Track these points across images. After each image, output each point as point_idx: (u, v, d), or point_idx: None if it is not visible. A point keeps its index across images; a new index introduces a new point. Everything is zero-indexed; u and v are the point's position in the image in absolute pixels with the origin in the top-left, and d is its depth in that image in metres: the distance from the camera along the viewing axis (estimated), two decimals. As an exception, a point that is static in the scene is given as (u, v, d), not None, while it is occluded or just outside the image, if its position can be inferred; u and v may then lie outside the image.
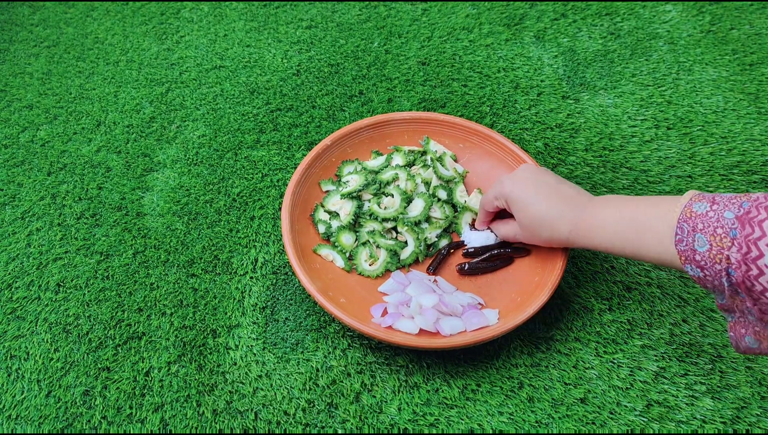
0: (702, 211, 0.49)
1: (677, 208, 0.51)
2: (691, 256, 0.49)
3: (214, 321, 0.69)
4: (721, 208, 0.48)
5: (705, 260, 0.48)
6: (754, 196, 0.47)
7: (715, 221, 0.48)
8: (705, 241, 0.48)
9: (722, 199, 0.49)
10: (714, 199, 0.49)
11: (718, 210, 0.48)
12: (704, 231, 0.48)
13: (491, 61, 0.95)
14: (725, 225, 0.47)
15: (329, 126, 0.87)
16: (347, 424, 0.61)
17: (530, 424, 0.61)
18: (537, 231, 0.62)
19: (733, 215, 0.47)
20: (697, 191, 0.52)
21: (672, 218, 0.51)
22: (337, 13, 1.03)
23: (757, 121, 0.85)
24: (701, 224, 0.48)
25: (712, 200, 0.49)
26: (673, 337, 0.66)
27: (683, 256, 0.50)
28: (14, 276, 0.73)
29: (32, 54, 0.99)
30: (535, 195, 0.61)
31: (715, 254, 0.47)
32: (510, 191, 0.63)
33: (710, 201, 0.49)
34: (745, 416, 0.61)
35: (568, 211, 0.60)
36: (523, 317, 0.61)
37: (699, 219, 0.49)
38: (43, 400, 0.63)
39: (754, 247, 0.45)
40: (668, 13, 1.01)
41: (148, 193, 0.80)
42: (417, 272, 0.70)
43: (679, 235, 0.50)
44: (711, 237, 0.47)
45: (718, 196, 0.50)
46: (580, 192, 0.61)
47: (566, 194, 0.61)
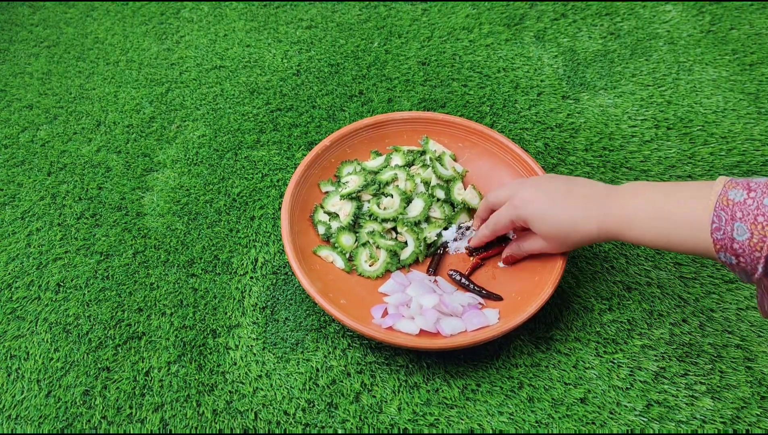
0: (740, 199, 0.48)
1: (712, 196, 0.49)
2: (729, 245, 0.48)
3: (214, 321, 0.69)
4: (759, 196, 0.47)
5: (743, 248, 0.47)
6: None
7: (755, 209, 0.47)
8: (745, 229, 0.47)
9: (758, 185, 0.48)
10: (749, 186, 0.48)
11: (757, 197, 0.47)
12: (744, 219, 0.47)
13: (491, 61, 0.95)
14: (766, 212, 0.46)
15: (329, 126, 0.87)
16: (347, 424, 0.61)
17: (530, 424, 0.61)
18: (565, 240, 0.61)
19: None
20: (729, 177, 0.50)
21: (708, 207, 0.49)
22: (337, 13, 1.03)
23: (757, 121, 0.85)
24: (740, 213, 0.47)
25: (748, 187, 0.48)
26: (673, 337, 0.67)
27: (719, 244, 0.49)
28: (14, 276, 0.73)
29: (32, 54, 0.99)
30: (551, 207, 0.60)
31: (756, 242, 0.46)
32: (524, 211, 0.61)
33: (746, 187, 0.48)
34: (745, 416, 0.61)
35: (591, 210, 0.58)
36: (524, 317, 0.61)
37: (737, 207, 0.48)
38: (43, 400, 0.63)
39: None
40: (668, 13, 1.01)
41: (148, 193, 0.80)
42: (417, 272, 0.70)
43: (717, 223, 0.48)
44: (752, 225, 0.47)
45: (752, 181, 0.49)
46: (595, 187, 0.60)
47: (582, 194, 0.59)
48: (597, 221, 0.57)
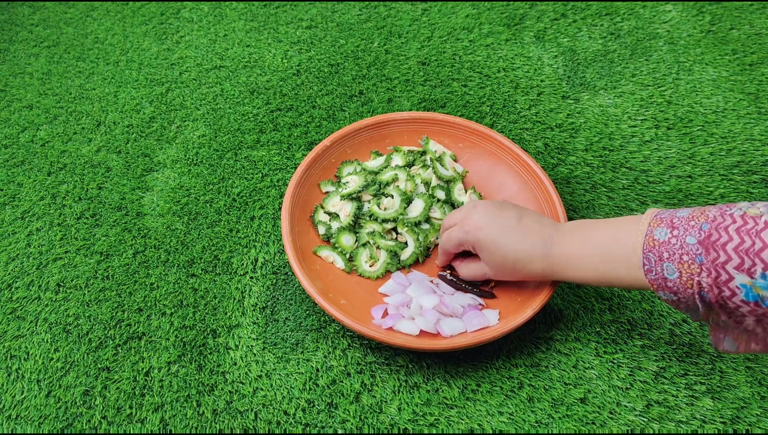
0: (664, 239, 0.49)
1: (640, 236, 0.51)
2: (663, 284, 0.49)
3: (214, 321, 0.69)
4: (682, 234, 0.48)
5: (677, 286, 0.49)
6: (711, 216, 0.47)
7: (679, 248, 0.48)
8: (674, 268, 0.48)
9: (681, 221, 0.49)
10: (672, 223, 0.49)
11: (680, 235, 0.48)
12: (671, 259, 0.48)
13: (491, 61, 0.95)
14: (690, 251, 0.47)
15: (329, 126, 0.87)
16: (347, 424, 0.61)
17: (530, 424, 0.61)
18: (510, 272, 0.61)
19: (695, 240, 0.47)
20: (656, 210, 0.52)
21: (637, 248, 0.51)
22: (337, 13, 1.03)
23: (757, 121, 0.85)
24: (666, 253, 0.49)
25: (671, 225, 0.49)
26: (673, 337, 0.67)
27: (654, 284, 0.50)
28: (14, 276, 0.73)
29: (32, 54, 0.99)
30: (501, 237, 0.60)
31: (685, 281, 0.48)
32: (473, 237, 0.62)
33: (669, 225, 0.49)
34: (745, 416, 0.61)
35: (537, 248, 0.58)
36: (524, 318, 0.61)
37: (663, 247, 0.49)
38: (43, 400, 0.63)
39: (722, 271, 0.46)
40: (668, 13, 1.01)
41: (148, 193, 0.80)
42: (417, 273, 0.70)
43: (647, 265, 0.50)
44: (678, 264, 0.48)
45: (675, 217, 0.50)
46: (543, 222, 0.60)
47: (531, 229, 0.60)
48: (541, 262, 0.58)
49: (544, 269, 0.59)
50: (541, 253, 0.58)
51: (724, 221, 0.47)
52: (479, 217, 0.62)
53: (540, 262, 0.59)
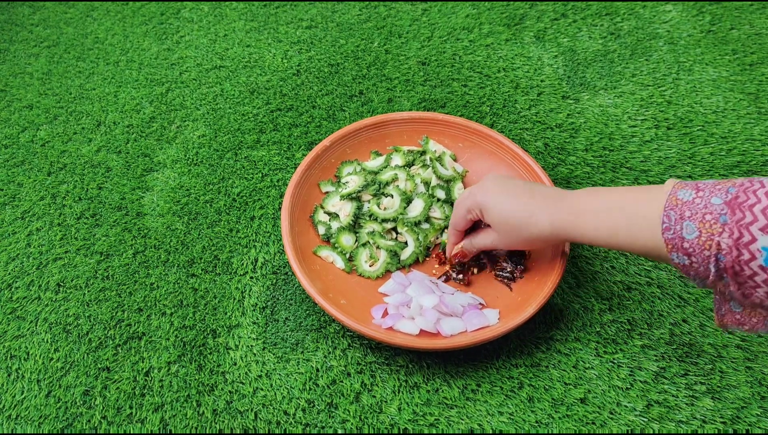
0: (688, 199, 0.48)
1: (662, 196, 0.50)
2: (679, 244, 0.48)
3: (214, 321, 0.69)
4: (707, 195, 0.47)
5: (693, 247, 0.47)
6: (739, 182, 0.47)
7: (703, 208, 0.47)
8: (694, 228, 0.47)
9: (706, 185, 0.48)
10: (698, 186, 0.49)
11: (705, 196, 0.47)
12: (692, 218, 0.47)
13: (491, 61, 0.95)
14: (714, 211, 0.46)
15: (329, 126, 0.87)
16: (347, 424, 0.61)
17: (530, 424, 0.61)
18: (516, 232, 0.60)
19: (721, 201, 0.46)
20: (678, 179, 0.51)
21: (658, 206, 0.50)
22: (337, 13, 1.03)
23: (757, 121, 0.85)
24: (689, 211, 0.48)
25: (696, 187, 0.49)
26: (673, 337, 0.67)
27: (670, 244, 0.49)
28: (14, 276, 0.73)
29: (32, 54, 0.99)
30: (508, 196, 0.60)
31: (704, 241, 0.47)
32: (482, 199, 0.61)
33: (694, 188, 0.49)
34: (745, 416, 0.61)
35: (547, 205, 0.58)
36: (524, 317, 0.61)
37: (686, 206, 0.48)
38: (43, 400, 0.63)
39: (746, 232, 0.45)
40: (668, 13, 1.01)
41: (148, 193, 0.80)
42: (417, 273, 0.70)
43: (666, 222, 0.49)
44: (700, 223, 0.47)
45: (701, 182, 0.49)
46: (555, 188, 0.60)
47: (540, 191, 0.60)
48: (550, 216, 0.57)
49: (553, 226, 0.57)
50: (550, 210, 0.57)
51: (752, 186, 0.46)
52: (487, 182, 0.63)
53: (548, 218, 0.57)
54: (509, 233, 0.61)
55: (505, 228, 0.61)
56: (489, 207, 0.61)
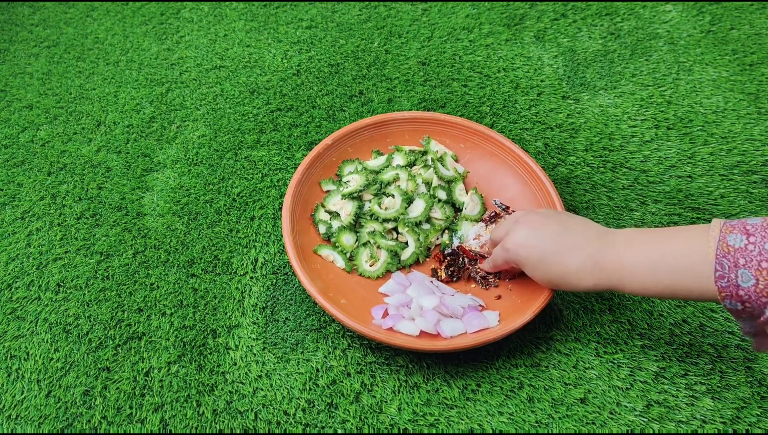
0: (740, 245, 0.48)
1: (711, 243, 0.49)
2: (734, 292, 0.48)
3: (214, 321, 0.69)
4: (760, 240, 0.47)
5: (749, 295, 0.47)
6: None
7: (758, 255, 0.47)
8: (750, 276, 0.47)
9: (756, 229, 0.48)
10: (747, 230, 0.48)
11: (758, 242, 0.47)
12: (747, 266, 0.47)
13: (491, 61, 0.95)
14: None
15: (329, 126, 0.87)
16: (347, 424, 0.61)
17: (530, 425, 0.61)
18: (558, 286, 0.59)
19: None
20: (723, 220, 0.50)
21: (708, 255, 0.49)
22: (337, 13, 1.03)
23: (757, 121, 0.86)
24: (743, 259, 0.47)
25: (746, 231, 0.48)
26: (673, 337, 0.67)
27: (725, 292, 0.48)
28: (14, 276, 0.73)
29: (32, 54, 0.99)
30: (543, 257, 0.58)
31: (762, 289, 0.46)
32: (516, 257, 0.60)
33: (744, 232, 0.48)
34: (745, 416, 0.61)
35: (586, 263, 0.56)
36: (524, 320, 0.61)
37: (739, 253, 0.47)
38: (43, 400, 0.63)
39: None
40: (668, 13, 1.01)
41: (148, 193, 0.80)
42: (418, 273, 0.70)
43: (720, 271, 0.48)
44: (756, 271, 0.47)
45: (748, 224, 0.48)
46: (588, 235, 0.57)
47: (576, 244, 0.57)
48: (592, 278, 0.56)
49: (597, 283, 0.56)
50: (591, 267, 0.56)
51: None
52: (521, 234, 0.60)
53: (590, 277, 0.56)
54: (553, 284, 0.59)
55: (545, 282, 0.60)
56: (526, 266, 0.59)
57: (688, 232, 0.52)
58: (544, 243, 0.58)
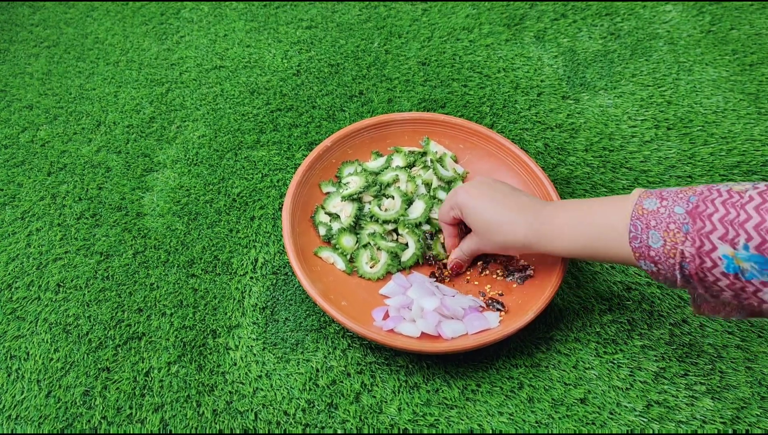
0: (653, 208, 0.50)
1: (629, 206, 0.52)
2: (646, 253, 0.51)
3: (214, 321, 0.69)
4: (671, 204, 0.50)
5: (659, 256, 0.50)
6: (699, 190, 0.49)
7: (667, 217, 0.49)
8: (659, 237, 0.49)
9: (669, 194, 0.50)
10: (662, 195, 0.51)
11: (668, 205, 0.50)
12: (657, 227, 0.49)
13: (491, 61, 0.95)
14: (677, 220, 0.49)
15: (329, 126, 0.87)
16: (347, 425, 0.61)
17: (530, 425, 0.61)
18: (491, 235, 0.62)
19: (683, 210, 0.49)
20: (643, 188, 0.53)
21: (625, 217, 0.52)
22: (337, 13, 1.03)
23: (757, 121, 0.86)
24: (654, 221, 0.50)
25: (660, 196, 0.51)
26: (673, 337, 0.67)
27: (638, 252, 0.51)
28: (14, 276, 0.73)
29: (32, 54, 0.99)
30: (487, 201, 0.62)
31: (669, 250, 0.49)
32: (462, 199, 0.63)
33: (659, 197, 0.51)
34: (745, 416, 0.61)
35: (522, 216, 0.60)
36: (525, 320, 0.61)
37: (651, 216, 0.50)
38: (43, 400, 0.63)
39: (706, 241, 0.47)
40: (668, 13, 1.01)
41: (148, 193, 0.80)
42: (418, 274, 0.70)
43: (633, 232, 0.51)
44: (664, 233, 0.49)
45: (664, 191, 0.51)
46: (534, 199, 0.62)
47: (519, 201, 0.61)
48: (525, 228, 0.59)
49: (527, 238, 0.59)
50: (525, 221, 0.59)
51: (711, 195, 0.48)
52: (471, 184, 0.64)
53: (522, 229, 0.59)
54: (486, 236, 0.63)
55: (481, 230, 0.63)
56: (467, 209, 0.63)
57: (614, 199, 0.55)
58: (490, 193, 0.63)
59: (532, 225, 0.59)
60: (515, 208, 0.61)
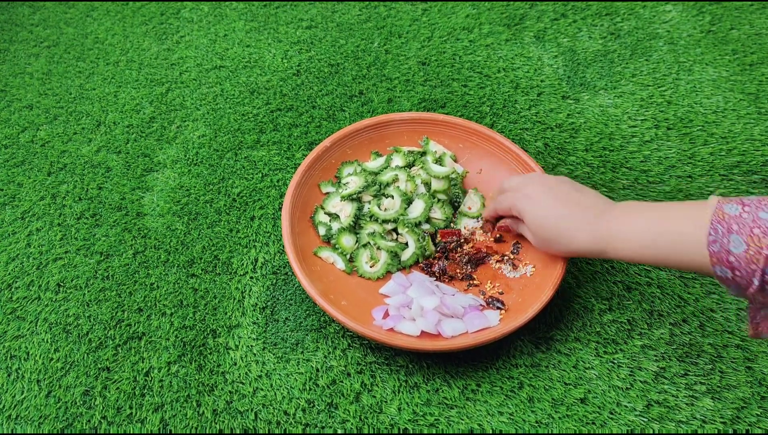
0: (735, 213, 0.49)
1: (708, 210, 0.50)
2: (725, 258, 0.49)
3: (214, 321, 0.69)
4: (754, 209, 0.48)
5: (739, 261, 0.48)
6: None
7: (751, 222, 0.48)
8: (741, 241, 0.48)
9: (751, 201, 0.49)
10: (743, 202, 0.49)
11: (752, 211, 0.48)
12: (740, 232, 0.48)
13: (491, 61, 0.95)
14: (762, 225, 0.47)
15: (329, 126, 0.87)
16: (347, 424, 0.61)
17: (530, 424, 0.61)
18: (554, 243, 0.60)
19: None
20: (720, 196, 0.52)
21: (703, 222, 0.50)
22: (337, 13, 1.03)
23: (757, 121, 0.86)
24: (736, 225, 0.48)
25: (741, 202, 0.49)
26: (673, 337, 0.67)
27: (715, 257, 0.49)
28: (14, 276, 0.73)
29: (32, 54, 0.99)
30: (549, 206, 0.60)
31: (752, 254, 0.47)
32: (521, 206, 0.62)
33: (739, 203, 0.49)
34: (745, 416, 0.61)
35: (587, 220, 0.58)
36: (525, 319, 0.61)
37: (733, 220, 0.48)
38: (43, 400, 0.63)
39: None
40: (668, 13, 1.01)
41: (148, 193, 0.80)
42: (418, 274, 0.70)
43: (713, 235, 0.49)
44: (748, 237, 0.47)
45: (745, 198, 0.50)
46: (597, 200, 0.60)
47: (582, 204, 0.59)
48: (590, 235, 0.58)
49: (592, 244, 0.57)
50: (590, 224, 0.57)
51: None
52: (535, 187, 0.63)
53: (587, 234, 0.57)
54: (546, 241, 0.62)
55: (542, 236, 0.61)
56: (528, 215, 0.62)
57: (688, 204, 0.53)
58: (553, 201, 0.60)
59: (596, 231, 0.57)
60: (577, 212, 0.58)
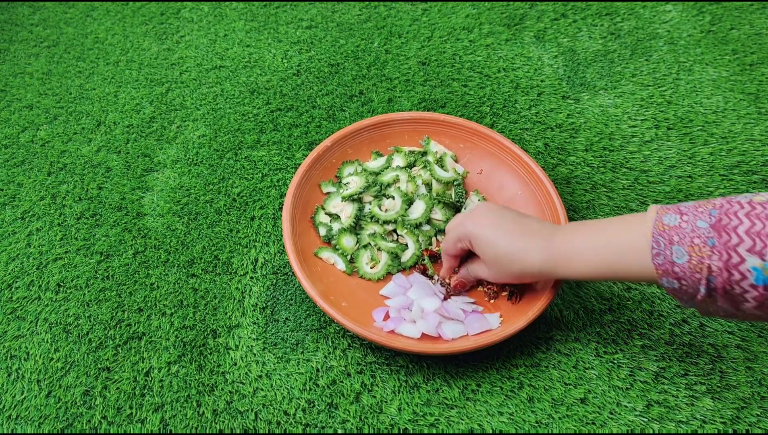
0: (674, 223, 0.49)
1: (648, 223, 0.51)
2: (670, 269, 0.49)
3: (214, 321, 0.69)
4: (692, 218, 0.49)
5: (684, 271, 0.49)
6: (719, 203, 0.49)
7: (690, 232, 0.48)
8: (683, 252, 0.48)
9: (688, 208, 0.50)
10: (680, 210, 0.50)
11: (690, 220, 0.49)
12: (681, 243, 0.49)
13: (491, 61, 0.95)
14: (701, 234, 0.48)
15: (329, 126, 0.87)
16: (347, 424, 0.61)
17: (530, 425, 0.61)
18: (506, 267, 0.59)
19: (707, 224, 0.48)
20: (659, 205, 0.52)
21: (646, 234, 0.51)
22: (337, 13, 1.03)
23: (757, 121, 0.86)
24: (677, 236, 0.49)
25: (679, 211, 0.50)
26: (673, 337, 0.67)
27: (661, 269, 0.50)
28: (14, 276, 0.73)
29: (32, 54, 0.99)
30: (498, 230, 0.59)
31: (695, 265, 0.48)
32: (472, 230, 0.61)
33: (677, 212, 0.50)
34: (745, 416, 0.61)
35: (536, 243, 0.58)
36: (525, 321, 0.61)
37: (673, 231, 0.49)
38: (43, 400, 0.63)
39: (734, 254, 0.46)
40: (668, 13, 1.01)
41: (148, 193, 0.80)
42: (418, 275, 0.70)
43: (656, 248, 0.50)
44: (689, 247, 0.48)
45: (682, 205, 0.51)
46: (544, 224, 0.60)
47: (531, 227, 0.59)
48: (540, 255, 0.57)
49: (543, 264, 0.57)
50: (540, 246, 0.57)
51: (732, 207, 0.48)
52: (477, 212, 0.62)
53: (538, 256, 0.57)
54: (499, 268, 0.60)
55: (493, 262, 0.60)
56: (478, 240, 0.60)
57: (629, 217, 0.54)
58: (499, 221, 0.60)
59: (546, 250, 0.57)
60: (527, 234, 0.58)
